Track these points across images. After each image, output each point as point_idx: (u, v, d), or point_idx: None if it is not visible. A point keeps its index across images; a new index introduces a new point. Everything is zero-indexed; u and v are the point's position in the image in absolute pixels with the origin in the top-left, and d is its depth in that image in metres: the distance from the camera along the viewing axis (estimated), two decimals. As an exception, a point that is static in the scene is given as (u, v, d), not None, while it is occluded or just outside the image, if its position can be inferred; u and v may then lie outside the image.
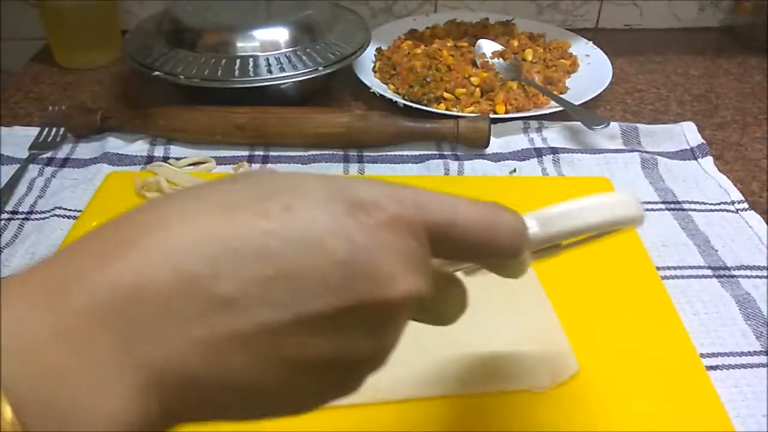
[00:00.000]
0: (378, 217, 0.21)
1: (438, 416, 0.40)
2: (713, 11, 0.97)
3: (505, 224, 0.25)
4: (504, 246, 0.25)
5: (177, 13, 0.73)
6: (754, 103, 0.78)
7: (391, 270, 0.21)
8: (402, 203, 0.22)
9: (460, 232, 0.23)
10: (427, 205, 0.23)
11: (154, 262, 0.19)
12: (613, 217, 0.30)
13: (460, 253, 0.25)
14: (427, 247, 0.23)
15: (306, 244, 0.20)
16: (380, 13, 0.94)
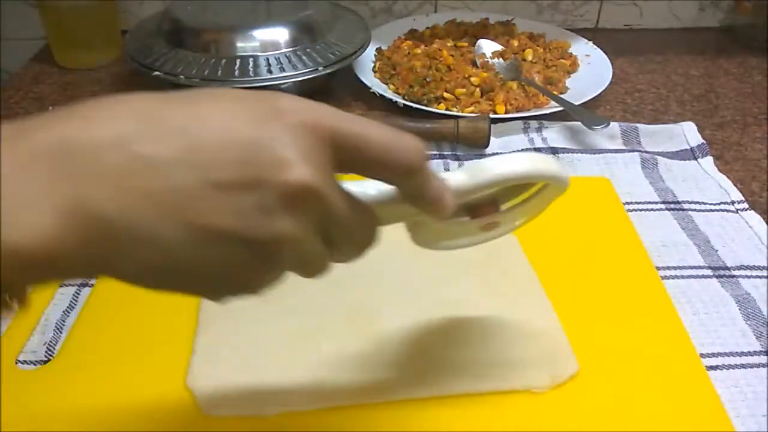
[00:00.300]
0: (290, 119, 0.25)
1: (438, 416, 0.40)
2: (713, 11, 0.97)
3: (407, 141, 0.28)
4: (406, 160, 0.28)
5: (177, 13, 0.73)
6: (754, 103, 0.78)
7: (291, 158, 0.24)
8: (315, 113, 0.26)
9: (367, 144, 0.27)
10: (340, 119, 0.27)
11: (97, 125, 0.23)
12: (532, 169, 0.34)
13: (367, 166, 0.28)
14: (330, 154, 0.26)
15: (222, 126, 0.24)
16: (380, 13, 0.94)
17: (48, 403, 0.40)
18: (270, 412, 0.39)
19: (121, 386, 0.41)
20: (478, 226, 0.38)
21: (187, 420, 0.39)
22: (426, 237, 0.38)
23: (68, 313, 0.47)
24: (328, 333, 0.44)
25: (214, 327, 0.45)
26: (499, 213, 0.37)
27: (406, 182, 0.29)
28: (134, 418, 0.39)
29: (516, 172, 0.33)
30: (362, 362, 0.42)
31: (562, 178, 0.35)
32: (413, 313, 0.46)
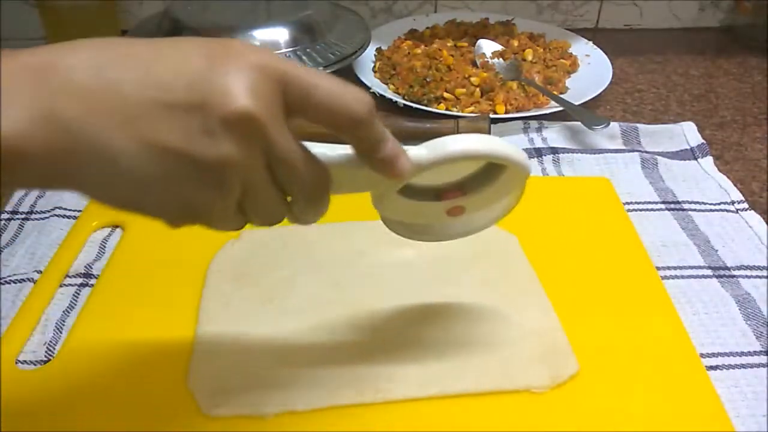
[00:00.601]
0: (243, 58, 0.28)
1: (438, 416, 0.40)
2: (713, 11, 0.97)
3: (354, 92, 0.30)
4: (351, 108, 0.30)
5: (177, 13, 0.73)
6: (754, 103, 0.78)
7: (237, 88, 0.27)
8: (267, 56, 0.28)
9: (314, 89, 0.29)
10: (290, 65, 0.29)
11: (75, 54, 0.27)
12: (488, 148, 0.35)
13: (314, 112, 0.30)
14: (278, 95, 0.28)
15: (179, 59, 0.27)
16: (380, 13, 0.94)
17: (48, 403, 0.40)
18: (270, 412, 0.39)
19: (121, 386, 0.41)
20: (444, 209, 0.39)
21: (187, 420, 0.39)
22: (392, 212, 0.39)
23: (68, 313, 0.47)
24: (328, 332, 0.44)
25: (214, 327, 0.45)
26: (463, 197, 0.38)
27: (355, 134, 0.31)
28: (134, 418, 0.39)
29: (472, 149, 0.35)
30: (362, 362, 0.42)
31: (520, 161, 0.36)
32: (413, 313, 0.46)
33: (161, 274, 0.49)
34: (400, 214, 0.39)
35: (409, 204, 0.38)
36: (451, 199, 0.38)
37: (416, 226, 0.41)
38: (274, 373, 0.42)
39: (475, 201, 0.39)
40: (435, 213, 0.39)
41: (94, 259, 0.52)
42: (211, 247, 0.52)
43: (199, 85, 0.27)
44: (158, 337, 0.44)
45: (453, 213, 0.39)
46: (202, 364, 0.42)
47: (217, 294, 0.48)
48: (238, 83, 0.27)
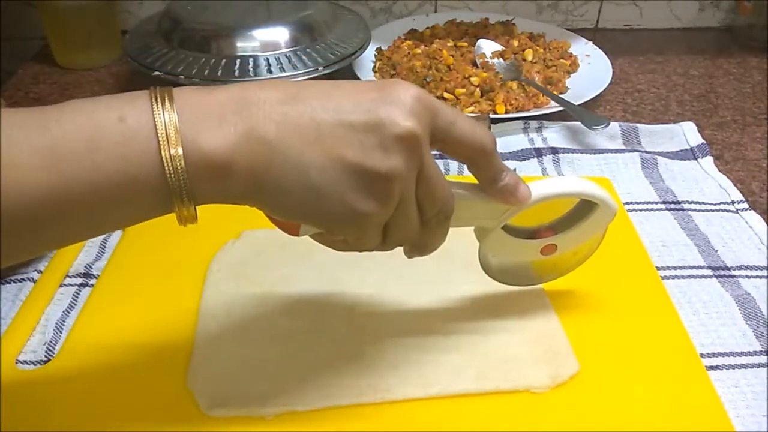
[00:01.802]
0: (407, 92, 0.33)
1: (438, 416, 0.40)
2: (713, 11, 0.97)
3: (483, 128, 0.36)
4: (481, 141, 0.35)
5: (177, 13, 0.73)
6: (754, 103, 0.78)
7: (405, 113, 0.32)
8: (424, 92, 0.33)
9: (455, 122, 0.35)
10: (440, 102, 0.34)
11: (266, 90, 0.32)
12: (586, 190, 0.41)
13: (452, 142, 0.35)
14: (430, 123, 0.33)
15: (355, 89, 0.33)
16: (380, 13, 0.94)
17: (48, 403, 0.40)
18: (270, 412, 0.39)
19: (121, 386, 0.41)
20: (539, 246, 0.43)
21: (187, 420, 0.39)
22: (492, 248, 0.43)
23: (68, 313, 0.47)
24: (328, 333, 0.44)
25: (214, 327, 0.45)
26: (555, 236, 0.43)
27: (483, 164, 0.37)
28: (134, 418, 0.39)
29: (577, 190, 0.41)
30: (362, 362, 0.42)
31: (610, 203, 0.42)
32: (413, 314, 0.46)
33: (161, 274, 0.49)
34: (499, 250, 0.43)
35: (509, 240, 0.42)
36: (545, 237, 0.43)
37: (512, 270, 0.46)
38: (274, 373, 0.42)
39: (565, 240, 0.43)
40: (531, 250, 0.43)
41: (94, 259, 0.52)
42: (211, 247, 0.52)
43: (375, 110, 0.32)
44: (158, 337, 0.44)
45: (546, 251, 0.44)
46: (202, 364, 0.42)
47: (217, 294, 0.48)
48: (406, 109, 0.32)
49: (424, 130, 0.33)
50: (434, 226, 0.36)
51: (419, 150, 0.33)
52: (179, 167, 0.29)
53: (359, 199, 0.32)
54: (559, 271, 0.47)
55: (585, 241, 0.44)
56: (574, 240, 0.44)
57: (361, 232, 0.34)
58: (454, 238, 0.53)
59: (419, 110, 0.33)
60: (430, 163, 0.34)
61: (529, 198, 0.39)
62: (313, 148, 0.31)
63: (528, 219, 0.41)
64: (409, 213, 0.34)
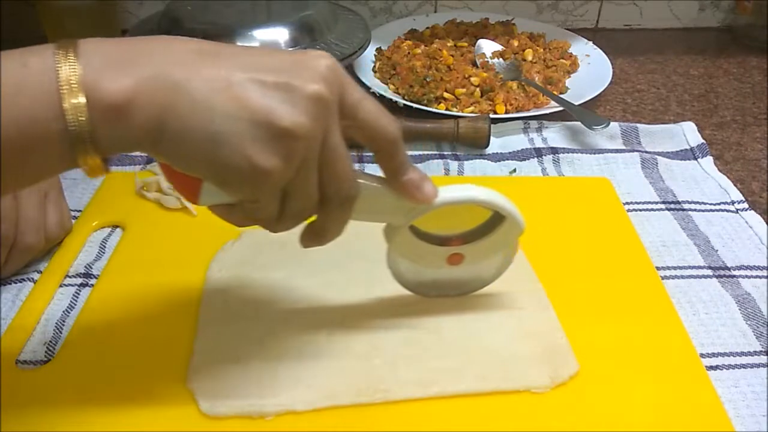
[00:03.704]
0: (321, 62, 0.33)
1: (438, 416, 0.40)
2: (713, 11, 0.97)
3: (389, 115, 0.36)
4: (386, 128, 0.36)
5: (177, 13, 0.73)
6: (754, 103, 0.78)
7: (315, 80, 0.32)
8: (339, 68, 0.34)
9: (364, 105, 0.35)
10: (351, 80, 0.35)
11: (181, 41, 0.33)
12: (493, 199, 0.41)
13: (361, 123, 0.35)
14: (338, 96, 0.34)
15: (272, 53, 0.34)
16: (380, 13, 0.94)
17: (48, 403, 0.40)
18: (270, 412, 0.39)
19: (121, 386, 0.41)
20: (446, 254, 0.44)
21: (187, 420, 0.39)
22: (399, 249, 0.43)
23: (68, 313, 0.47)
24: (328, 333, 0.44)
25: (214, 327, 0.45)
26: (463, 246, 0.43)
27: (387, 152, 0.37)
28: (134, 418, 0.39)
29: (484, 198, 0.41)
30: (361, 362, 0.42)
31: (518, 217, 0.42)
32: (413, 313, 0.46)
33: (161, 274, 0.49)
34: (406, 252, 0.43)
35: (417, 244, 0.42)
36: (453, 246, 0.43)
37: (420, 278, 0.46)
38: (274, 373, 0.42)
39: (472, 251, 0.44)
40: (437, 257, 0.44)
41: (94, 259, 0.52)
42: (211, 247, 0.52)
43: (288, 71, 0.32)
44: (158, 337, 0.44)
45: (453, 260, 0.44)
46: (202, 364, 0.42)
47: (217, 294, 0.48)
48: (317, 73, 0.33)
49: (333, 98, 0.33)
50: (334, 207, 0.36)
51: (326, 114, 0.33)
52: (81, 116, 0.29)
53: (259, 152, 0.31)
54: (469, 286, 0.47)
55: (494, 254, 0.45)
56: (482, 252, 0.44)
57: (257, 193, 0.33)
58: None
59: (331, 79, 0.33)
60: (336, 133, 0.34)
61: (433, 197, 0.39)
62: (220, 94, 0.31)
63: (439, 225, 0.42)
64: (309, 179, 0.34)
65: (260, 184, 0.32)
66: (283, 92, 0.32)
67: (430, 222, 0.41)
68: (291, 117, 0.31)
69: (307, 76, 0.32)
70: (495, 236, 0.43)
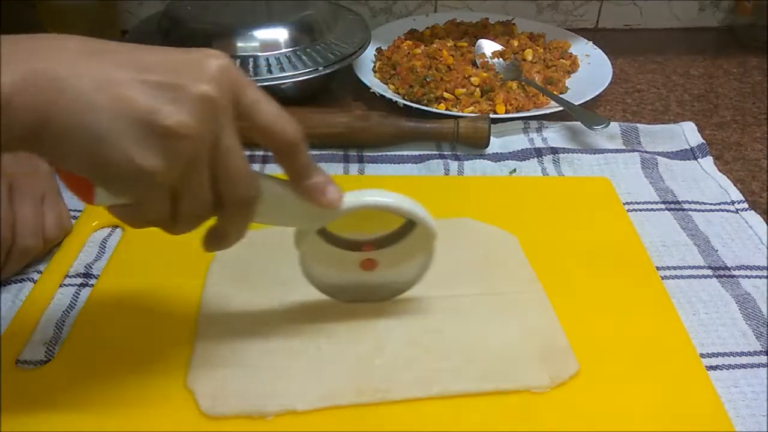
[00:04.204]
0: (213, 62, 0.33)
1: (437, 416, 0.40)
2: (713, 11, 0.97)
3: (289, 120, 0.35)
4: (284, 132, 0.35)
5: (177, 13, 0.73)
6: (754, 103, 0.78)
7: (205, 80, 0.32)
8: (233, 67, 0.33)
9: (261, 107, 0.34)
10: (247, 81, 0.34)
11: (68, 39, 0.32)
12: (403, 206, 0.40)
13: (259, 126, 0.35)
14: (233, 98, 0.33)
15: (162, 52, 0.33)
16: (380, 13, 0.94)
17: (48, 403, 0.40)
18: (270, 412, 0.39)
19: (121, 386, 0.41)
20: (358, 259, 0.43)
21: (187, 420, 0.39)
22: (310, 254, 0.42)
23: (68, 313, 0.47)
24: (328, 333, 0.44)
25: (214, 327, 0.45)
26: (376, 251, 0.43)
27: (288, 156, 0.36)
28: (134, 418, 0.39)
29: (392, 204, 0.40)
30: (361, 362, 0.42)
31: (429, 223, 0.41)
32: (413, 313, 0.46)
33: (161, 274, 0.49)
34: (317, 257, 0.43)
35: (328, 249, 0.42)
36: (366, 251, 0.43)
37: (335, 282, 0.45)
38: (274, 373, 0.42)
39: (386, 256, 0.43)
40: (349, 262, 0.43)
41: (94, 259, 0.52)
42: (211, 247, 0.52)
43: (176, 71, 0.32)
44: (158, 337, 0.44)
45: (366, 266, 0.44)
46: (202, 363, 0.42)
47: (217, 294, 0.48)
48: (206, 74, 0.32)
49: (224, 99, 0.32)
50: (232, 210, 0.35)
51: (216, 116, 0.32)
52: None
53: (141, 152, 0.30)
54: (386, 292, 0.46)
55: (409, 260, 0.44)
56: (395, 258, 0.43)
57: (143, 194, 0.33)
58: (454, 239, 0.53)
59: (223, 80, 0.32)
60: (229, 135, 0.33)
61: (337, 202, 0.38)
62: (104, 93, 0.30)
63: (356, 229, 0.41)
64: (198, 181, 0.33)
65: (143, 184, 0.32)
66: (168, 92, 0.31)
67: (347, 226, 0.40)
68: (175, 117, 0.31)
69: (195, 77, 0.32)
70: (408, 242, 0.42)
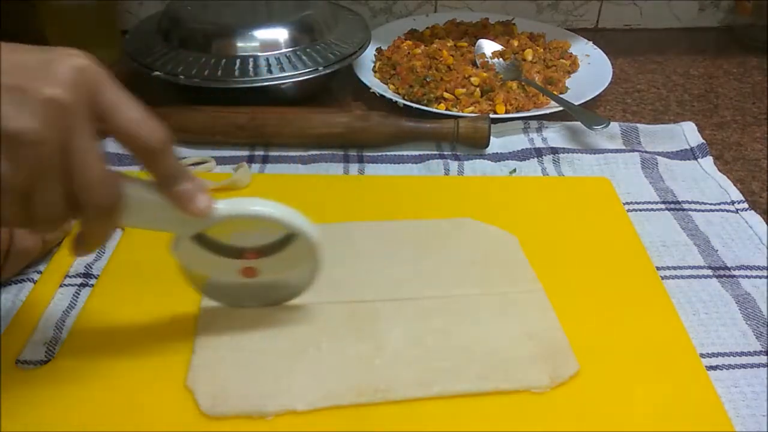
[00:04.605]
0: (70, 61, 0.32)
1: (437, 416, 0.40)
2: (713, 11, 0.97)
3: (153, 123, 0.34)
4: (146, 137, 0.34)
5: (177, 13, 0.73)
6: (754, 103, 0.78)
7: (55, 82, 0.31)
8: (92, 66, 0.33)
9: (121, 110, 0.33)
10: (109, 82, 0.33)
11: None
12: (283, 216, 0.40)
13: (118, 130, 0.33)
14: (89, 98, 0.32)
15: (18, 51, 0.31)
16: (380, 13, 0.94)
17: (48, 403, 0.40)
18: (270, 412, 0.39)
19: (121, 386, 0.41)
20: (238, 267, 0.42)
21: (187, 420, 0.39)
22: (187, 260, 0.42)
23: (68, 313, 0.47)
24: (328, 332, 0.44)
25: (214, 327, 0.45)
26: (257, 259, 0.42)
27: (152, 162, 0.35)
28: (134, 418, 0.39)
29: (266, 213, 0.39)
30: (361, 362, 0.42)
31: (309, 233, 0.41)
32: (413, 313, 0.46)
33: (161, 274, 0.49)
34: (193, 263, 0.42)
35: (205, 255, 0.41)
36: (248, 259, 0.42)
37: (217, 286, 0.45)
38: (274, 373, 0.42)
39: (267, 265, 0.42)
40: (229, 269, 0.42)
41: (94, 259, 0.52)
42: (211, 247, 0.52)
43: (25, 74, 0.30)
44: (158, 337, 0.44)
45: (246, 273, 0.43)
46: (202, 363, 0.42)
47: (217, 294, 0.48)
48: (58, 76, 0.31)
49: (76, 102, 0.31)
50: (92, 216, 0.34)
51: (65, 120, 0.31)
52: None
53: None
54: (272, 298, 0.46)
55: (292, 269, 0.43)
56: (277, 267, 0.43)
57: None
58: (454, 239, 0.53)
59: (78, 81, 0.31)
60: (83, 139, 0.32)
61: (206, 210, 0.37)
62: None
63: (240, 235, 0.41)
64: (47, 186, 0.32)
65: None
66: (14, 95, 0.30)
67: (228, 231, 0.40)
68: (18, 122, 0.30)
69: (45, 79, 0.31)
70: (291, 251, 0.42)
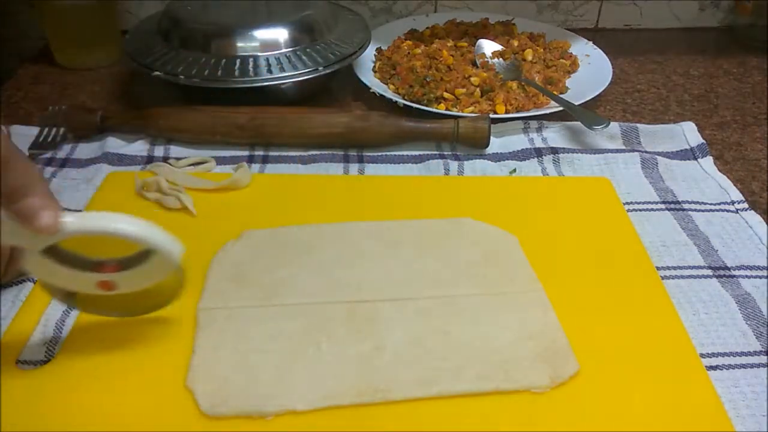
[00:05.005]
0: None
1: (437, 416, 0.40)
2: (713, 11, 0.97)
3: None
4: None
5: (177, 13, 0.73)
6: (754, 103, 0.78)
7: None
8: None
9: None
10: None
11: None
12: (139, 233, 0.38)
13: None
14: None
15: None
16: (380, 13, 0.94)
17: (48, 403, 0.40)
18: (270, 412, 0.39)
19: (121, 386, 0.41)
20: (95, 280, 0.41)
21: (187, 420, 0.39)
22: (40, 274, 0.41)
23: (68, 313, 0.47)
24: (328, 333, 0.44)
25: (214, 327, 0.45)
26: (116, 273, 0.41)
27: None
28: (134, 418, 0.39)
29: (118, 229, 0.38)
30: (361, 362, 0.42)
31: (167, 249, 0.39)
32: (413, 313, 0.46)
33: (161, 274, 0.49)
34: (47, 275, 0.41)
35: (59, 269, 0.40)
36: (107, 272, 0.41)
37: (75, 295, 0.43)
38: (274, 373, 0.42)
39: (126, 279, 0.41)
40: (85, 283, 0.41)
41: (94, 259, 0.52)
42: (211, 247, 0.52)
43: None
44: (158, 336, 0.44)
45: (103, 287, 0.41)
46: (202, 363, 0.42)
47: (217, 294, 0.48)
48: None
49: None
50: None
51: None
52: None
53: None
54: (132, 310, 0.45)
55: (151, 284, 0.42)
56: (135, 281, 0.42)
57: None
58: (454, 238, 0.53)
59: None
60: None
61: (53, 227, 0.36)
62: None
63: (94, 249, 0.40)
64: None
65: None
66: None
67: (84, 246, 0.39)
68: None
69: None
70: (146, 267, 0.40)
